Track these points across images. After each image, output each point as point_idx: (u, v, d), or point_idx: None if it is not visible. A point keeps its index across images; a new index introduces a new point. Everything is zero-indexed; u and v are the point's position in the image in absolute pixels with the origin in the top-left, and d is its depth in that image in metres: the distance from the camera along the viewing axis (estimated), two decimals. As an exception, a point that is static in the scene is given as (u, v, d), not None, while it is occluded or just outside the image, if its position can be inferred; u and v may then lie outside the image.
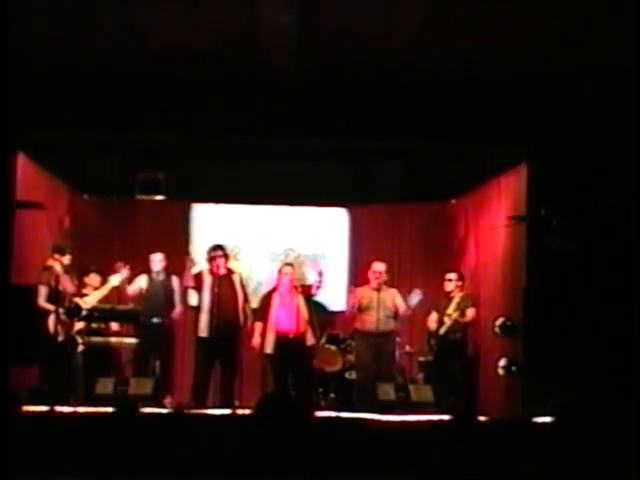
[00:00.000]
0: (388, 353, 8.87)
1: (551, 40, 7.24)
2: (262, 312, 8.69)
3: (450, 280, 9.05)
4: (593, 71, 7.63)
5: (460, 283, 9.06)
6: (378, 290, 8.84)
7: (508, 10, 6.74)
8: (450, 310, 8.83)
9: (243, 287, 8.68)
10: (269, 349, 8.55)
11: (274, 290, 8.77)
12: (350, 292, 9.10)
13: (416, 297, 8.73)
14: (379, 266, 8.94)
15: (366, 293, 8.90)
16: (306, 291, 8.76)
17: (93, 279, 8.81)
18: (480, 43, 7.36)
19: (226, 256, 8.64)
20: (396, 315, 8.88)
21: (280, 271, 8.82)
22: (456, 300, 8.90)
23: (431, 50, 7.56)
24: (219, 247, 8.67)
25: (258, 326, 8.60)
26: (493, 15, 6.82)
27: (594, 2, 6.51)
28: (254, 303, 8.94)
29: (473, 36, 7.24)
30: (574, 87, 7.86)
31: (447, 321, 8.81)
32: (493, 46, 7.40)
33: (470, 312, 8.90)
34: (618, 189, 7.80)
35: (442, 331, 8.83)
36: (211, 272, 8.57)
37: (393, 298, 8.90)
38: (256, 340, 8.57)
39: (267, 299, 8.75)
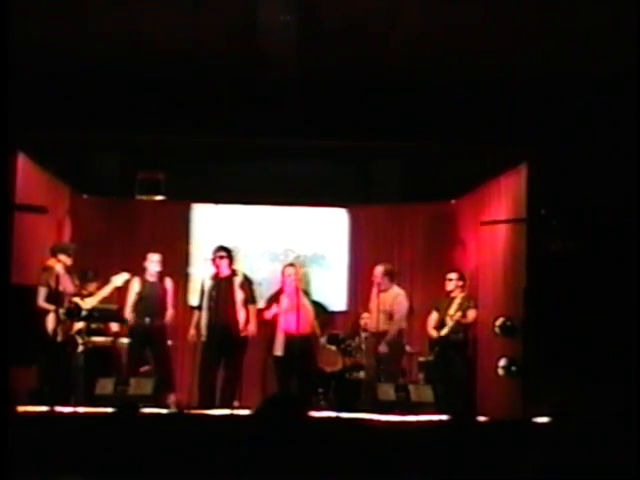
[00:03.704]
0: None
1: (551, 40, 7.24)
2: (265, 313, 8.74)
3: (451, 280, 9.01)
4: (593, 71, 7.63)
5: (461, 283, 9.02)
6: (379, 291, 8.82)
7: (508, 10, 6.74)
8: (452, 311, 8.80)
9: (245, 288, 8.60)
10: (278, 351, 8.58)
11: (280, 292, 8.76)
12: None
13: None
14: (381, 269, 8.92)
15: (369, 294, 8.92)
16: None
17: (91, 284, 8.79)
18: (480, 43, 7.36)
19: (230, 257, 8.63)
20: (391, 316, 8.83)
21: (283, 272, 8.83)
22: (457, 301, 8.87)
23: (431, 50, 7.56)
24: (222, 248, 8.65)
25: (262, 328, 8.64)
26: (493, 15, 6.82)
27: (594, 2, 6.51)
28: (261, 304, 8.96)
29: (473, 36, 7.24)
30: (574, 87, 7.86)
31: (449, 322, 8.78)
32: (493, 46, 7.40)
33: (471, 313, 8.88)
34: (618, 189, 7.80)
35: (444, 332, 8.80)
36: (214, 274, 8.57)
37: (394, 299, 8.87)
38: (250, 328, 8.51)
39: (271, 301, 8.76)
